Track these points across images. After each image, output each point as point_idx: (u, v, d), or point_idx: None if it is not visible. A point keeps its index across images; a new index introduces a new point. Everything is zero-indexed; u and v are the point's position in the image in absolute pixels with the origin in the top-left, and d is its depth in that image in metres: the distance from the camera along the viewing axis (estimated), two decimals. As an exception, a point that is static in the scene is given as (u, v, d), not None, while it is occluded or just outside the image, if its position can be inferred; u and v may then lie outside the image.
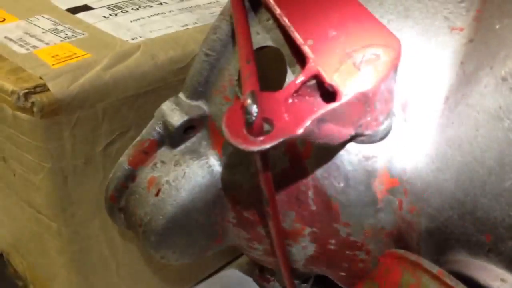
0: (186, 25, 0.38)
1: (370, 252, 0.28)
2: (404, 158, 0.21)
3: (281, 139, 0.18)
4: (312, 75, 0.20)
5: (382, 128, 0.21)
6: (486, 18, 0.20)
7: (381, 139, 0.21)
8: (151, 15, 0.39)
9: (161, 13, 0.40)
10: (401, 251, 0.20)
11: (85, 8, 0.41)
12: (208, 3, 0.42)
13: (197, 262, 0.34)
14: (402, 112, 0.22)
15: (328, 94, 0.19)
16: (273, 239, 0.27)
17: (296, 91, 0.20)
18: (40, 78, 0.31)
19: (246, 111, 0.18)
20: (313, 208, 0.27)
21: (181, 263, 0.31)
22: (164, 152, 0.28)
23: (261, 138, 0.18)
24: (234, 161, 0.27)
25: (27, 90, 0.30)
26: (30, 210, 0.35)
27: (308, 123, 0.18)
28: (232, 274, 0.45)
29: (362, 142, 0.21)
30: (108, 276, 0.37)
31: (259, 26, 0.25)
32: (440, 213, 0.20)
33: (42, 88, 0.30)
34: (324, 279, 0.35)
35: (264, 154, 0.20)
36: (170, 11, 0.40)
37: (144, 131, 0.29)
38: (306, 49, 0.20)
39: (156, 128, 0.28)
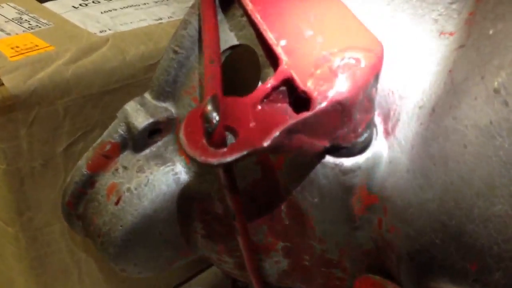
0: (160, 18, 0.35)
1: (346, 270, 0.26)
2: (384, 173, 0.19)
3: (245, 152, 0.16)
4: (283, 79, 0.17)
5: (360, 140, 0.19)
6: (479, 22, 0.18)
7: (360, 152, 0.19)
8: (123, 7, 0.37)
9: (135, 5, 0.37)
10: (378, 278, 0.18)
11: (54, -3, 0.38)
12: (187, -4, 0.40)
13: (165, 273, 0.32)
14: (383, 124, 0.19)
15: (301, 101, 0.17)
16: (243, 254, 0.25)
17: (266, 97, 0.17)
18: (-6, 72, 0.28)
19: (205, 118, 0.16)
20: (286, 222, 0.25)
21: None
22: (126, 157, 0.26)
23: (223, 150, 0.16)
24: (203, 169, 0.25)
25: (-20, 85, 0.27)
26: (-14, 213, 0.33)
27: (276, 134, 0.16)
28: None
29: (339, 155, 0.19)
30: (69, 285, 0.35)
31: (232, 22, 0.23)
32: (421, 235, 0.18)
33: (-5, 82, 0.28)
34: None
35: (227, 167, 0.18)
36: (144, 3, 0.38)
37: (105, 133, 0.26)
38: (278, 50, 0.18)
39: (119, 130, 0.26)
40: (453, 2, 0.20)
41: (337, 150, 0.19)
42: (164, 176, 0.26)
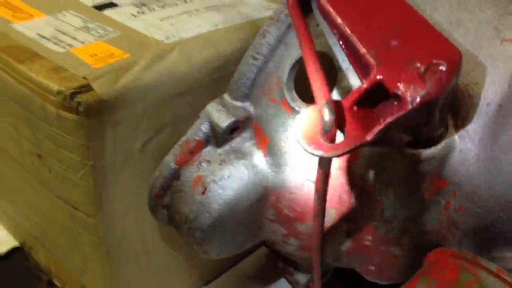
0: (216, 25, 0.38)
1: (404, 247, 0.29)
2: (455, 161, 0.23)
3: (354, 146, 0.19)
4: (376, 83, 0.21)
5: (437, 133, 0.22)
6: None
7: (436, 143, 0.23)
8: (178, 14, 0.40)
9: (188, 12, 0.40)
10: (454, 250, 0.22)
11: (111, 5, 0.41)
12: (233, 1, 0.43)
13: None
14: (454, 118, 0.23)
15: (392, 102, 0.20)
16: (314, 237, 0.28)
17: (361, 99, 0.21)
18: (84, 78, 0.31)
19: (323, 120, 0.19)
20: (355, 206, 0.28)
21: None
22: (209, 152, 0.29)
23: (335, 144, 0.19)
24: (280, 161, 0.28)
25: (73, 90, 0.30)
26: (64, 206, 0.36)
27: (378, 130, 0.20)
28: (249, 267, 0.47)
29: (417, 146, 0.23)
30: (138, 270, 0.38)
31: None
32: (490, 213, 0.22)
33: (87, 88, 0.31)
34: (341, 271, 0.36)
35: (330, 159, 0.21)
36: (196, 10, 0.41)
37: (189, 131, 0.30)
38: (370, 58, 0.21)
39: (202, 128, 0.29)
40: (511, 13, 0.23)
41: (417, 142, 0.23)
42: (244, 168, 0.29)
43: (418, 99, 0.20)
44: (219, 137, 0.29)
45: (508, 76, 0.22)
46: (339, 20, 0.22)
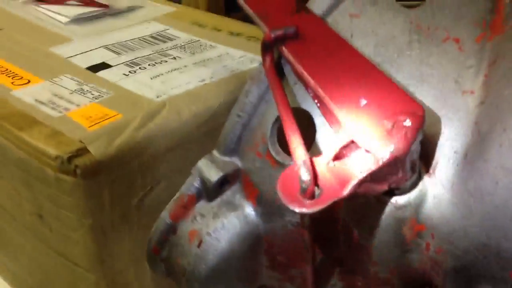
0: (203, 80, 0.41)
1: (395, 286, 0.30)
2: (430, 206, 0.24)
3: (330, 202, 0.21)
4: (350, 140, 0.23)
5: (410, 182, 0.24)
6: (494, 83, 0.23)
7: (409, 190, 0.24)
8: (168, 71, 0.42)
9: (178, 69, 0.43)
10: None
11: (104, 66, 0.44)
12: (219, 56, 0.45)
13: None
14: (425, 166, 0.25)
15: (364, 156, 0.22)
16: (308, 281, 0.30)
17: (337, 156, 0.23)
18: (80, 141, 0.33)
19: (301, 179, 0.21)
20: (344, 250, 0.29)
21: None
22: (202, 206, 0.31)
23: (313, 201, 0.21)
24: (270, 210, 0.30)
25: (70, 154, 0.32)
26: (65, 262, 0.37)
27: (352, 185, 0.21)
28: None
29: (393, 194, 0.24)
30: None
31: (286, 89, 0.28)
32: (466, 254, 0.23)
33: (83, 151, 0.32)
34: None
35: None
36: (185, 66, 0.43)
37: (183, 187, 0.31)
38: (342, 117, 0.23)
39: (195, 184, 0.31)
40: (470, 67, 0.25)
41: (392, 191, 0.24)
42: (236, 219, 0.30)
43: (387, 155, 0.21)
44: (211, 192, 0.31)
45: (471, 126, 0.24)
46: (312, 83, 0.24)
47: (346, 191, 0.21)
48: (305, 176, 0.21)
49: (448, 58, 0.25)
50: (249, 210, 0.31)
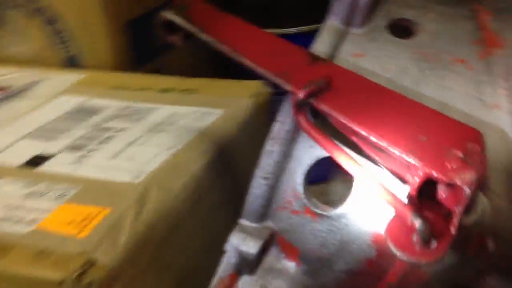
0: (172, 147, 0.37)
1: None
2: (490, 218, 0.26)
3: (448, 247, 0.21)
4: (426, 178, 0.23)
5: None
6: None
7: (474, 209, 0.25)
8: (124, 146, 0.38)
9: (133, 141, 0.39)
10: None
11: (42, 158, 0.38)
12: (168, 117, 0.42)
13: None
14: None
15: (450, 192, 0.23)
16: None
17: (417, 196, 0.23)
18: (80, 254, 0.28)
19: (419, 232, 0.21)
20: None
21: None
22: (246, 281, 0.29)
23: (434, 250, 0.21)
24: (316, 265, 0.29)
25: (77, 272, 0.27)
26: None
27: (456, 223, 0.22)
28: None
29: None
30: None
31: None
32: None
33: (89, 263, 0.28)
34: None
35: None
36: (140, 136, 0.39)
37: (219, 270, 0.29)
38: (410, 157, 0.23)
39: (232, 261, 0.28)
40: (484, 82, 0.27)
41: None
42: (284, 283, 0.29)
43: (473, 183, 0.22)
44: (252, 264, 0.29)
45: (507, 137, 0.26)
46: (364, 132, 0.24)
47: (453, 230, 0.21)
48: (423, 228, 0.21)
49: (463, 79, 0.27)
50: (293, 270, 0.29)
